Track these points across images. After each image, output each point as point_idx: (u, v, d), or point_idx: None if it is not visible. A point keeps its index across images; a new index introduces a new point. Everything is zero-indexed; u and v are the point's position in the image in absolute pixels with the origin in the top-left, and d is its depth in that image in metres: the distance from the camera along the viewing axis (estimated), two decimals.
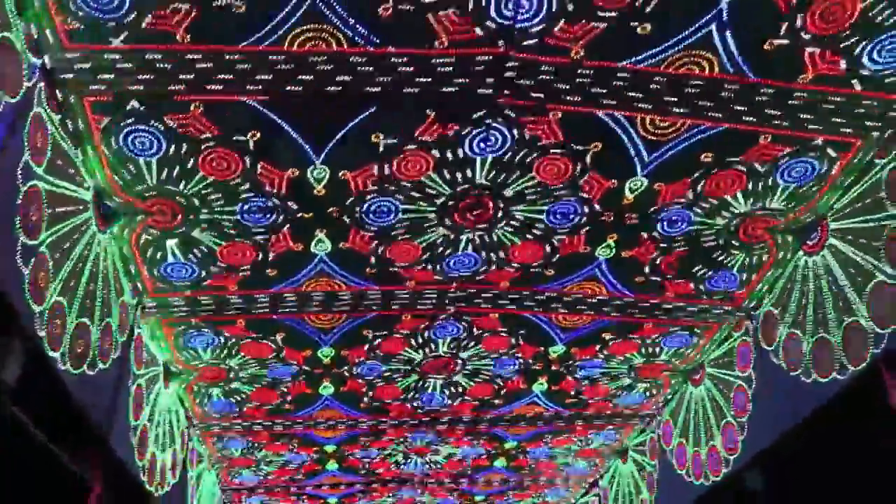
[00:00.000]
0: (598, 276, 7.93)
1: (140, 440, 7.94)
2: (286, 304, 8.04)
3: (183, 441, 9.68)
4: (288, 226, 7.02)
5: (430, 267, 7.74)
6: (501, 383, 9.74)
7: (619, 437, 11.37)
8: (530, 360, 9.28)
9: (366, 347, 8.84)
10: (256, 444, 10.91)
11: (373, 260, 7.54)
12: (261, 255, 7.31)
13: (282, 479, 12.21)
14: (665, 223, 7.31)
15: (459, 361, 9.27)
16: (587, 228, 7.29)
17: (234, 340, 8.46)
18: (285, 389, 9.54)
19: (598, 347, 9.09)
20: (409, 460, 11.96)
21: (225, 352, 8.64)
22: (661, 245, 7.53)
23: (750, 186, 6.92)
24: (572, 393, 10.00)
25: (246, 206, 6.76)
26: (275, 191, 6.59)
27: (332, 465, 11.87)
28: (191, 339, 8.38)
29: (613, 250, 7.57)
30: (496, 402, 10.13)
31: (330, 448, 11.25)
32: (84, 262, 6.39)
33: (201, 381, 9.16)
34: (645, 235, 7.41)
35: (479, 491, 13.12)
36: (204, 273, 7.49)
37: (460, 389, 9.82)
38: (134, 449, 7.80)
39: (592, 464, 12.32)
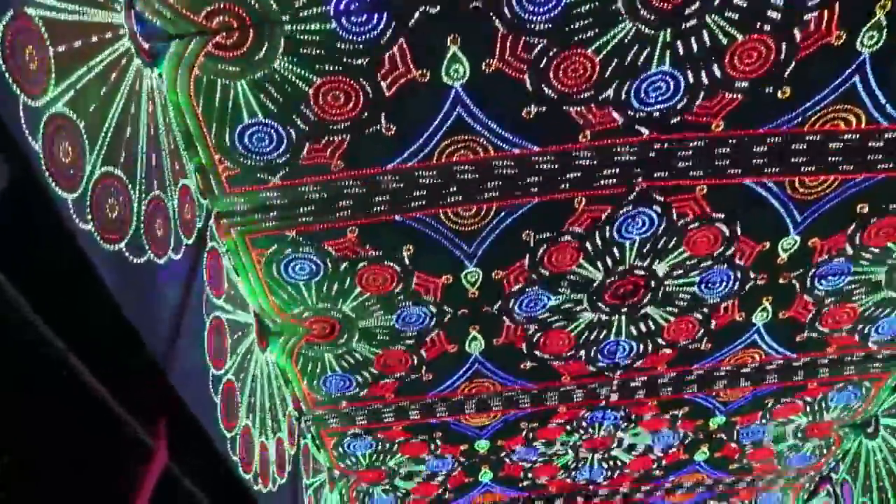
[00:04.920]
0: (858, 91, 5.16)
1: (226, 400, 5.35)
2: (406, 187, 5.34)
3: (291, 432, 6.96)
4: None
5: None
6: (708, 314, 6.69)
7: (864, 398, 7.98)
8: (750, 271, 6.39)
9: (525, 261, 5.98)
10: (387, 445, 8.04)
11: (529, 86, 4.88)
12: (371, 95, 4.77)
13: (425, 499, 9.11)
14: None
15: (650, 281, 6.34)
16: None
17: (345, 265, 5.79)
18: (420, 350, 6.71)
19: (846, 236, 6.04)
20: (581, 462, 8.80)
21: (334, 287, 5.96)
22: None
23: None
24: (806, 322, 6.82)
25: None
26: None
27: (485, 475, 8.81)
28: (286, 267, 5.71)
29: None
30: (702, 346, 7.05)
31: (482, 446, 8.22)
32: (115, 91, 3.95)
33: (308, 342, 6.45)
34: None
35: (670, 503, 9.73)
36: (297, 143, 4.95)
37: (653, 329, 6.77)
38: (217, 409, 5.22)
39: (823, 447, 8.80)
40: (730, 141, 5.26)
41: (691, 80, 4.88)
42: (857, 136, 5.24)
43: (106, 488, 4.35)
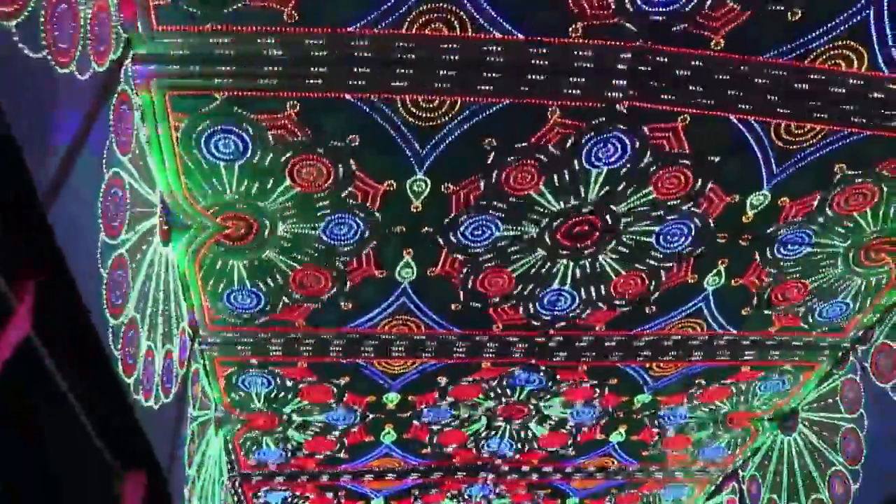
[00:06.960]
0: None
1: (114, 278, 4.27)
2: (378, 58, 4.44)
3: (183, 350, 5.83)
4: None
5: None
6: (660, 271, 6.03)
7: (789, 389, 7.47)
8: (713, 226, 5.66)
9: (479, 175, 5.16)
10: (287, 385, 6.91)
11: None
12: None
13: (316, 456, 8.01)
14: None
15: (608, 222, 5.60)
16: None
17: (278, 149, 4.81)
18: (344, 270, 5.77)
19: (817, 200, 5.56)
20: (493, 431, 7.94)
21: (260, 174, 4.97)
22: None
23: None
24: (755, 294, 6.28)
25: None
26: None
27: (387, 436, 7.82)
28: (207, 141, 4.67)
29: None
30: (647, 309, 6.33)
31: (391, 399, 7.24)
32: None
33: (217, 243, 5.37)
34: None
35: (575, 489, 8.93)
36: None
37: (600, 281, 6.06)
38: (103, 283, 4.15)
39: (738, 440, 8.30)
40: (728, 67, 4.71)
41: None
42: (862, 81, 4.81)
43: None
